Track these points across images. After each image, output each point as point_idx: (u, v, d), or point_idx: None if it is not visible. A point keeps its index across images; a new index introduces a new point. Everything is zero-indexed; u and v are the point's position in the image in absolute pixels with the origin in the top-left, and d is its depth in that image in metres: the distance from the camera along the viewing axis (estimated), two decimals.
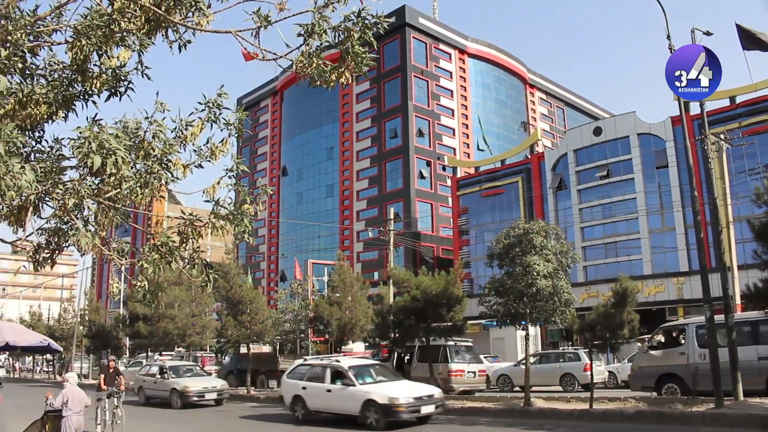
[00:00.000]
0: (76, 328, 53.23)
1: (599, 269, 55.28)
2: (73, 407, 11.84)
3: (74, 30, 6.13)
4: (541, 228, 20.19)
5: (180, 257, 5.87)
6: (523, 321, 20.40)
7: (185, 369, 27.50)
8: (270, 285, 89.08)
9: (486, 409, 20.01)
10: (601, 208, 56.72)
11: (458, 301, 22.32)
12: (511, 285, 19.66)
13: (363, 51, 5.53)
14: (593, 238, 57.13)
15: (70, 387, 12.21)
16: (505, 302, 20.31)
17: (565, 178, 59.19)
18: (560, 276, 19.76)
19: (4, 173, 4.57)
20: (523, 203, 61.72)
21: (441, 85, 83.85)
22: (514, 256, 19.70)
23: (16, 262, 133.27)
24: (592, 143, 57.52)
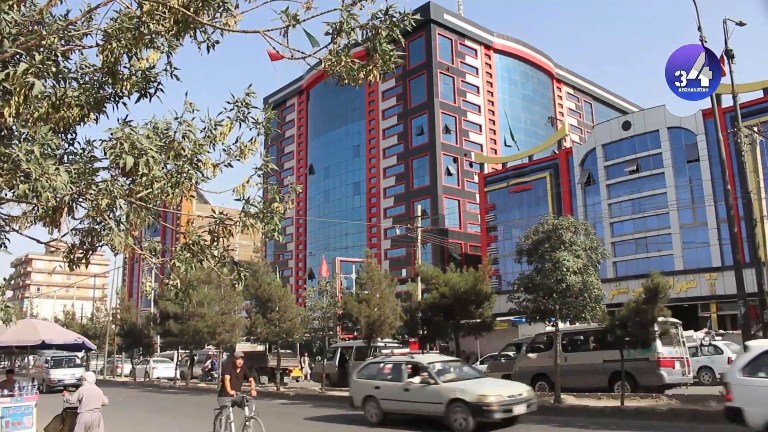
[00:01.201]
0: (109, 327, 54.03)
1: (629, 265, 54.62)
2: (88, 405, 12.28)
3: (104, 33, 6.20)
4: (570, 223, 20.03)
5: (211, 256, 5.92)
6: (553, 317, 20.26)
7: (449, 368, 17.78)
8: (298, 283, 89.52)
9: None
10: (631, 203, 56.03)
11: (487, 297, 22.23)
12: (541, 281, 19.52)
13: (391, 48, 5.51)
14: (623, 234, 56.47)
15: (87, 386, 12.68)
16: (535, 298, 20.19)
17: (593, 173, 58.60)
18: (590, 272, 19.59)
19: (40, 175, 4.64)
20: (551, 199, 61.24)
21: (467, 81, 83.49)
22: (543, 252, 19.56)
23: (50, 263, 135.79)
24: (621, 138, 56.84)
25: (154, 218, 6.33)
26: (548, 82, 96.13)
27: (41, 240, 6.45)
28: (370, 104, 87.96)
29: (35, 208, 6.21)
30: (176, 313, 36.03)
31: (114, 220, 6.05)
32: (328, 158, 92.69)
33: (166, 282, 6.26)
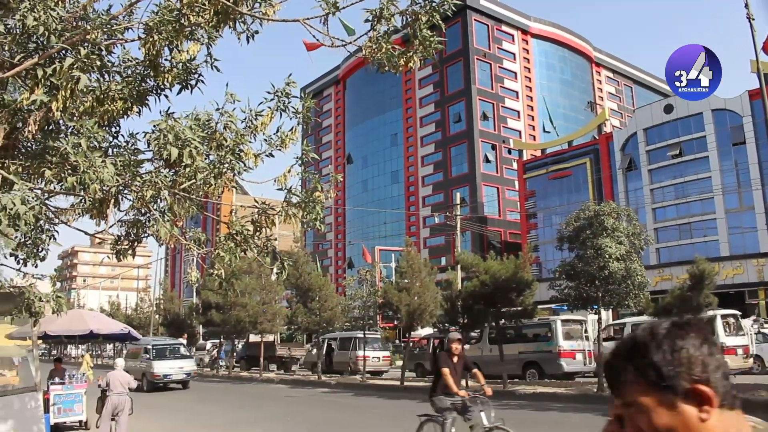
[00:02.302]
0: (152, 317, 55.08)
1: (672, 251, 53.64)
2: (115, 388, 13.19)
3: (145, 26, 6.27)
4: (612, 209, 19.73)
5: (254, 245, 5.97)
6: (595, 305, 20.03)
7: None
8: (338, 272, 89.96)
9: (558, 395, 19.79)
10: (674, 188, 54.96)
11: (528, 285, 22.00)
12: (583, 268, 19.29)
13: (431, 34, 5.47)
14: (666, 219, 55.47)
15: (115, 371, 13.64)
16: (577, 286, 19.97)
17: (635, 158, 57.59)
18: (633, 258, 19.28)
19: (87, 167, 4.72)
20: (591, 185, 60.40)
21: (504, 68, 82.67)
22: (585, 239, 19.31)
23: (96, 255, 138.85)
24: (663, 121, 55.70)
25: (197, 209, 6.40)
26: (587, 66, 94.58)
27: (89, 232, 6.58)
28: (407, 92, 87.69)
29: (83, 201, 6.33)
30: (218, 303, 36.52)
31: (158, 211, 6.13)
32: (366, 147, 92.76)
33: (210, 272, 6.33)
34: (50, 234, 7.07)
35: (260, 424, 16.79)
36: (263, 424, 16.92)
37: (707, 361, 1.39)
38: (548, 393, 20.30)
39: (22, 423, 11.24)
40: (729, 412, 1.39)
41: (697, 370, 1.38)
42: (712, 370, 1.38)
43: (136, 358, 29.45)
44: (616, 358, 1.48)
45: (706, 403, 1.35)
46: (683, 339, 1.41)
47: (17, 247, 6.97)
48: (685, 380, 1.37)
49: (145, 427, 16.14)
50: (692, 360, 1.38)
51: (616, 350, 1.49)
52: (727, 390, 1.39)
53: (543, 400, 19.47)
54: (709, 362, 1.39)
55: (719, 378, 1.39)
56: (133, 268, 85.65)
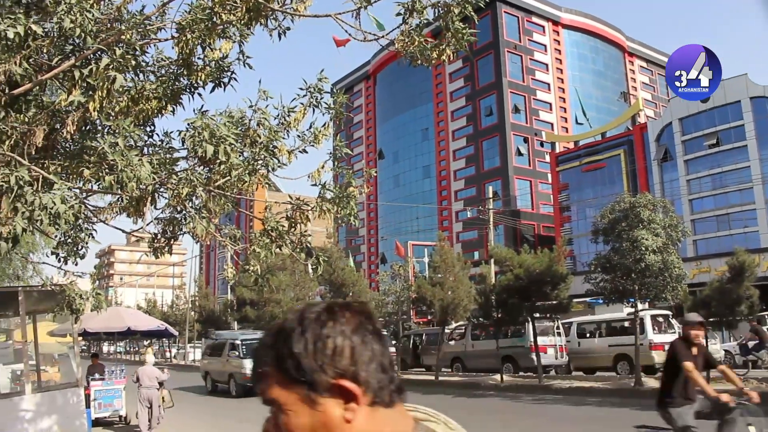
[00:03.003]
0: (188, 314, 55.79)
1: (710, 243, 52.68)
2: (144, 382, 14.38)
3: (178, 25, 6.32)
4: (648, 201, 19.45)
5: (289, 241, 6.00)
6: (632, 298, 19.79)
7: None
8: (371, 268, 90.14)
9: (594, 389, 19.63)
10: (711, 178, 53.98)
11: (563, 278, 21.79)
12: (618, 261, 19.07)
13: (463, 27, 5.42)
14: (703, 211, 54.50)
15: (144, 366, 14.93)
16: (612, 279, 19.75)
17: (670, 148, 56.67)
18: (670, 250, 18.99)
19: (125, 166, 4.78)
20: (626, 177, 59.62)
21: (535, 59, 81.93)
22: (621, 231, 19.08)
23: (131, 253, 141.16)
24: (699, 110, 54.66)
25: (232, 206, 6.46)
26: (620, 56, 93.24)
27: (126, 230, 6.68)
28: (437, 86, 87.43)
29: (120, 199, 6.42)
30: (252, 300, 36.87)
31: (194, 208, 6.20)
32: (397, 142, 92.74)
33: (246, 268, 6.38)
34: (89, 232, 7.18)
35: None
36: None
37: (358, 351, 1.21)
38: (584, 387, 20.14)
39: (64, 418, 11.46)
40: (385, 410, 1.23)
41: (343, 362, 1.20)
42: (364, 363, 1.21)
43: (218, 356, 25.27)
44: (262, 347, 1.28)
45: (352, 400, 1.19)
46: (332, 326, 1.22)
47: (57, 245, 7.10)
48: (328, 374, 1.19)
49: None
50: (338, 351, 1.20)
51: (263, 338, 1.29)
52: (383, 385, 1.22)
53: (579, 394, 19.33)
54: (360, 353, 1.21)
55: (373, 371, 1.21)
56: (168, 266, 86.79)
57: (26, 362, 11.93)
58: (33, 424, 11.00)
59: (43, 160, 6.29)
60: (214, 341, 27.15)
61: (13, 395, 11.98)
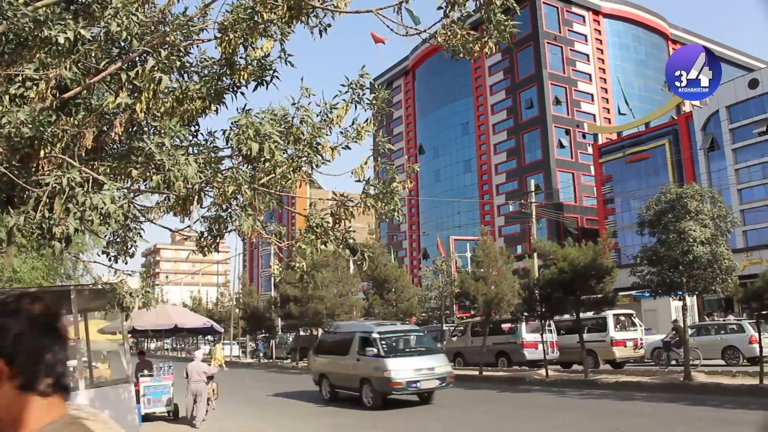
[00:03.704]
0: (233, 311, 56.51)
1: (761, 233, 51.32)
2: (192, 377, 15.45)
3: (220, 26, 6.40)
4: (695, 191, 19.07)
5: (334, 238, 6.04)
6: (679, 291, 19.42)
7: None
8: (413, 263, 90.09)
9: (641, 384, 19.33)
10: (761, 167, 52.55)
11: (608, 272, 21.49)
12: (665, 253, 18.73)
13: (505, 18, 5.38)
14: (753, 200, 53.10)
15: (193, 362, 16.00)
16: (659, 271, 19.42)
17: (717, 137, 55.34)
18: (719, 242, 18.58)
19: (172, 165, 4.87)
20: (671, 167, 58.41)
21: (576, 50, 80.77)
22: (667, 223, 18.74)
23: (177, 252, 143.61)
24: (748, 97, 53.24)
25: (277, 203, 6.52)
26: (663, 44, 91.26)
27: (173, 228, 6.80)
28: (476, 80, 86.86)
29: (167, 199, 6.54)
30: (296, 296, 37.14)
31: (239, 206, 6.28)
32: (437, 137, 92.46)
33: (292, 264, 6.44)
34: (137, 232, 7.33)
35: (343, 415, 17.00)
36: (347, 414, 17.12)
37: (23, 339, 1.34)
38: (632, 382, 19.87)
39: (116, 413, 11.71)
40: (35, 398, 1.34)
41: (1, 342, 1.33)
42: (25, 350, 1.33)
43: (340, 354, 19.44)
44: None
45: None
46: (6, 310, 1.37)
47: (108, 244, 7.26)
48: None
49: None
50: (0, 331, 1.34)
51: None
52: (40, 376, 1.35)
53: (627, 389, 19.07)
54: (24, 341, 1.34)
55: (32, 361, 1.33)
56: (212, 264, 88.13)
57: (79, 359, 12.22)
58: None
59: (92, 161, 6.43)
60: (331, 334, 21.70)
61: None
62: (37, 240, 6.02)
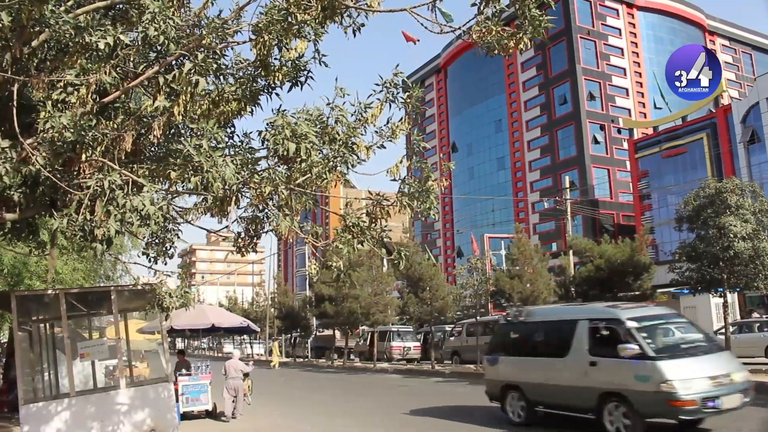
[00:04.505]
0: (268, 311, 56.98)
1: None
2: (230, 374, 16.27)
3: (254, 28, 6.46)
4: (735, 186, 18.74)
5: (370, 237, 6.05)
6: (720, 288, 19.08)
7: None
8: (447, 261, 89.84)
9: None
10: None
11: (646, 268, 21.26)
12: (705, 249, 18.44)
13: (540, 13, 5.34)
14: None
15: (230, 360, 16.87)
16: (699, 268, 19.11)
17: (758, 130, 54.05)
18: (761, 237, 18.22)
19: (211, 166, 4.93)
20: (709, 161, 57.25)
21: (610, 44, 79.68)
22: (707, 218, 18.43)
23: (212, 252, 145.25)
24: None
25: (313, 203, 6.56)
26: (700, 36, 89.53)
27: (212, 229, 6.88)
28: (509, 77, 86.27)
29: (204, 200, 6.62)
30: (331, 296, 37.30)
31: (275, 206, 6.33)
32: (470, 135, 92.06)
33: (329, 264, 6.47)
34: (175, 233, 7.43)
35: (378, 414, 17.03)
36: (381, 412, 17.15)
37: None
38: None
39: (156, 411, 11.90)
40: None
41: None
42: None
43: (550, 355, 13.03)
44: None
45: None
46: None
47: (147, 245, 7.38)
48: None
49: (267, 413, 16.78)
50: None
51: None
52: None
53: None
54: None
55: None
56: (247, 264, 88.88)
57: (120, 358, 12.45)
58: (128, 416, 11.49)
59: (131, 164, 6.54)
60: (521, 324, 14.53)
61: (109, 389, 12.54)
62: (80, 242, 6.14)
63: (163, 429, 11.86)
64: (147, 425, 11.67)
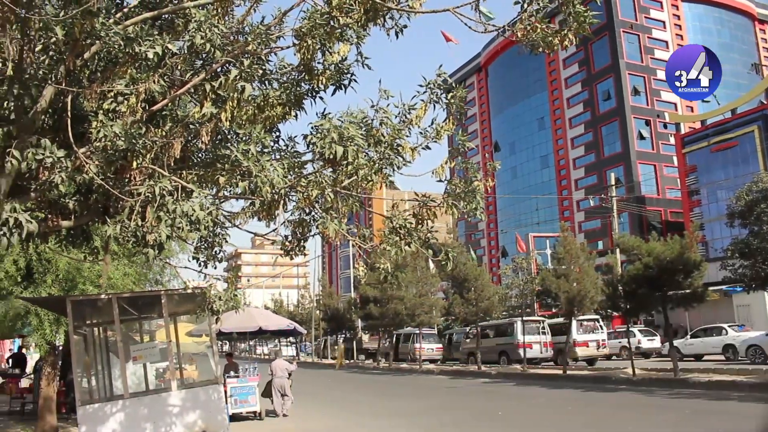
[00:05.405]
0: (313, 313, 57.37)
1: None
2: (276, 373, 17.20)
3: (297, 32, 6.52)
4: None
5: (417, 238, 6.05)
6: None
7: None
8: (491, 261, 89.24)
9: (736, 383, 18.51)
10: None
11: (696, 266, 20.70)
12: (759, 245, 17.96)
13: (584, 9, 5.28)
14: None
15: (277, 360, 17.85)
16: (752, 264, 18.62)
17: None
18: None
19: (259, 171, 4.99)
20: (761, 154, 55.66)
21: (654, 37, 78.16)
22: (760, 213, 17.96)
23: (257, 255, 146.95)
24: None
25: (360, 205, 6.60)
26: (748, 25, 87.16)
27: (260, 233, 6.98)
28: (551, 74, 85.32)
29: (252, 204, 6.71)
30: (376, 297, 37.40)
31: (322, 209, 6.38)
32: (513, 133, 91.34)
33: (377, 266, 6.50)
34: (223, 237, 7.55)
35: (429, 414, 17.00)
36: (432, 413, 17.12)
37: None
38: (726, 381, 19.08)
39: (207, 413, 12.10)
40: None
41: None
42: None
43: None
44: None
45: None
46: None
47: (196, 250, 7.51)
48: None
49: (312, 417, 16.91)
50: None
51: None
52: None
53: (720, 388, 18.31)
54: None
55: None
56: (292, 267, 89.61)
57: (172, 361, 12.69)
58: (179, 418, 11.69)
59: (180, 170, 6.67)
60: None
61: (161, 391, 12.79)
62: (132, 248, 6.28)
63: (214, 430, 12.05)
64: (198, 426, 11.86)
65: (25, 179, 6.27)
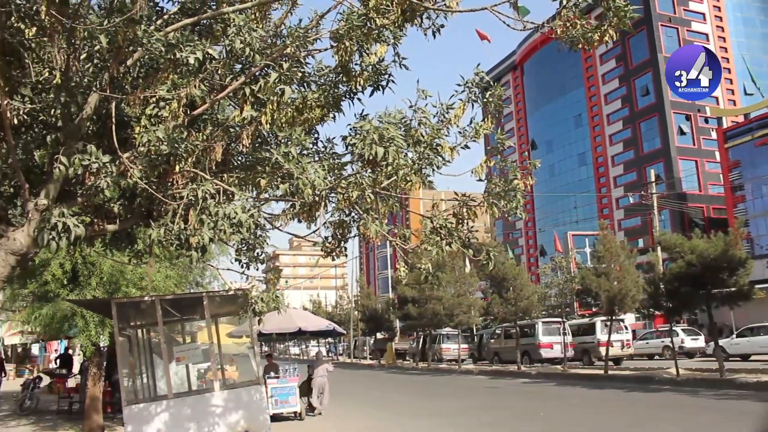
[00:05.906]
0: (352, 313, 57.56)
1: None
2: (317, 373, 18.01)
3: (335, 34, 6.56)
4: None
5: (458, 238, 6.05)
6: None
7: None
8: (530, 260, 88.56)
9: None
10: None
11: (741, 263, 20.23)
12: None
13: (624, 4, 5.21)
14: None
15: (319, 361, 18.56)
16: None
17: None
18: None
19: (300, 173, 5.04)
20: None
21: (693, 30, 76.72)
22: None
23: (294, 257, 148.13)
24: None
25: (399, 206, 6.61)
26: None
27: (300, 234, 7.04)
28: (587, 70, 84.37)
29: (292, 206, 6.77)
30: (414, 297, 37.39)
31: (362, 210, 6.41)
32: (550, 131, 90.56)
33: (417, 266, 6.50)
34: (264, 239, 7.63)
35: (469, 414, 16.95)
36: (471, 413, 17.07)
37: None
38: None
39: (249, 413, 12.22)
40: None
41: None
42: None
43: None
44: None
45: None
46: None
47: (237, 251, 7.60)
48: None
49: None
50: None
51: None
52: None
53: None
54: None
55: None
56: (330, 268, 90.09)
57: (213, 362, 12.86)
58: (222, 418, 11.84)
59: (221, 173, 6.76)
60: None
61: (203, 392, 12.97)
62: (176, 251, 6.38)
63: (256, 430, 12.17)
64: (241, 426, 11.99)
65: (72, 184, 6.42)
